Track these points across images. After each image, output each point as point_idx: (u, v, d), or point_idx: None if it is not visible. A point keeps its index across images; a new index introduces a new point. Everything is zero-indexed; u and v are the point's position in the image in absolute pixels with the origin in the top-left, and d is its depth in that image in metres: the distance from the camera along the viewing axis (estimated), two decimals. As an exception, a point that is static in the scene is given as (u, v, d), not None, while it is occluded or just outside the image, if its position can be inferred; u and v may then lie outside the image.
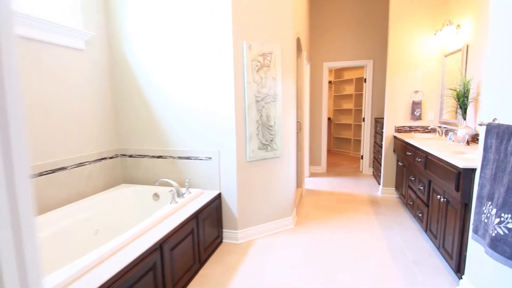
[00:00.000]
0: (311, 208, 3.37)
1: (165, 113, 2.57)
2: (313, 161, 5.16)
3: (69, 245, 1.98)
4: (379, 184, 4.01)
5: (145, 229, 1.70)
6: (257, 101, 2.52)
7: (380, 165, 3.96)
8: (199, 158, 2.55)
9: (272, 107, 2.61)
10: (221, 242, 2.54)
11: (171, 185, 2.57)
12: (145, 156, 2.69)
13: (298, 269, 2.12)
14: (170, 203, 2.10)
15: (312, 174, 4.95)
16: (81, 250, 2.05)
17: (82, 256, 2.10)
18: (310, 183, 4.44)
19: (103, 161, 2.57)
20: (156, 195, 2.52)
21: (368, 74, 4.80)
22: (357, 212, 3.21)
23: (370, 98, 4.82)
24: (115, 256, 1.43)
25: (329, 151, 6.89)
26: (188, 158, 2.58)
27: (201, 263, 2.14)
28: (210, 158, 2.52)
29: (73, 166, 2.27)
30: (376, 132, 4.62)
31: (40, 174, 2.00)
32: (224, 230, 2.57)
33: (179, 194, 2.24)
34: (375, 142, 4.69)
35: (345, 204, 3.47)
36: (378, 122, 4.36)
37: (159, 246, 1.62)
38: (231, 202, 2.52)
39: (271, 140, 2.63)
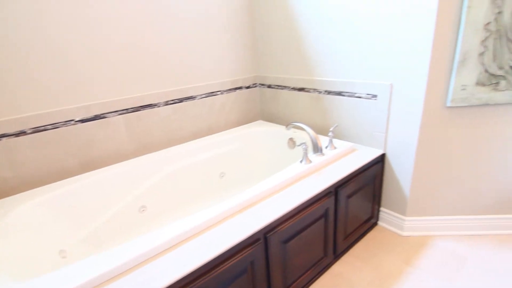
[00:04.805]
0: None
1: (315, 25, 1.71)
2: None
3: (191, 185, 1.77)
4: None
5: (251, 201, 1.13)
6: (497, -19, 1.18)
7: None
8: (356, 94, 1.62)
9: (535, -8, 1.19)
10: (375, 224, 1.70)
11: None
12: (284, 87, 2.04)
13: None
14: (301, 161, 1.41)
15: None
16: (204, 194, 1.81)
17: (207, 202, 1.90)
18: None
19: (237, 91, 2.13)
20: (292, 141, 1.89)
21: None
22: None
23: None
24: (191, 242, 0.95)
25: None
26: (339, 93, 1.70)
27: (337, 256, 1.44)
28: (374, 96, 1.54)
29: (203, 96, 1.94)
30: None
31: (166, 103, 1.77)
32: (382, 209, 1.69)
33: (317, 149, 1.50)
34: None
35: None
36: None
37: (262, 237, 1.02)
38: (401, 172, 1.55)
39: (513, 68, 1.29)
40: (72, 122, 1.47)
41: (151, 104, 1.71)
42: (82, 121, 1.50)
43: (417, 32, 1.31)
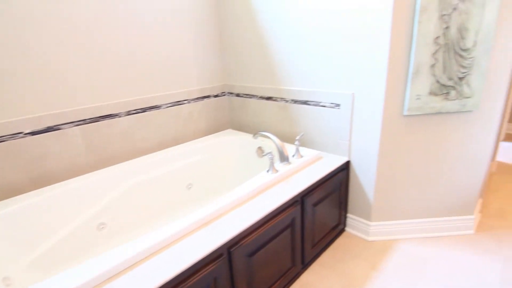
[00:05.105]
0: (510, 200, 1.96)
1: (281, 35, 1.73)
2: (518, 116, 3.21)
3: (156, 199, 1.69)
4: None
5: (214, 215, 1.09)
6: (443, -1, 1.27)
7: None
8: (321, 104, 1.66)
9: (476, 10, 1.29)
10: (343, 230, 1.73)
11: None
12: (253, 96, 2.04)
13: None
14: (267, 171, 1.40)
15: (509, 137, 3.11)
16: (171, 207, 1.74)
17: (173, 215, 1.79)
18: (506, 152, 2.75)
19: (205, 100, 2.09)
20: (260, 150, 1.89)
21: None
22: None
23: None
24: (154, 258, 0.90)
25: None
26: (305, 102, 1.73)
27: (305, 265, 1.44)
28: (337, 105, 1.59)
29: (168, 105, 1.88)
30: None
31: (128, 113, 1.69)
32: (349, 215, 1.73)
33: (283, 158, 1.50)
34: None
35: None
36: None
37: (226, 252, 0.99)
38: (365, 178, 1.59)
39: (461, 79, 1.38)
40: (21, 134, 1.36)
41: (111, 114, 1.63)
42: (33, 133, 1.39)
43: (374, 45, 1.36)
